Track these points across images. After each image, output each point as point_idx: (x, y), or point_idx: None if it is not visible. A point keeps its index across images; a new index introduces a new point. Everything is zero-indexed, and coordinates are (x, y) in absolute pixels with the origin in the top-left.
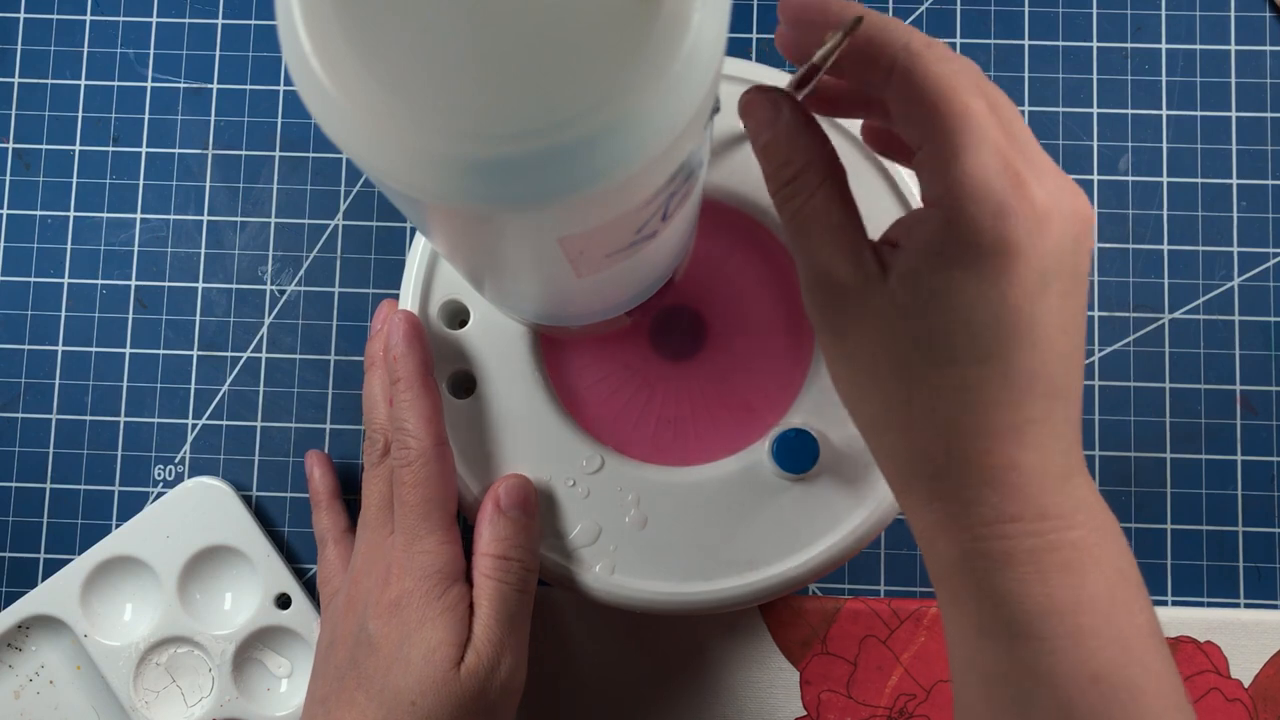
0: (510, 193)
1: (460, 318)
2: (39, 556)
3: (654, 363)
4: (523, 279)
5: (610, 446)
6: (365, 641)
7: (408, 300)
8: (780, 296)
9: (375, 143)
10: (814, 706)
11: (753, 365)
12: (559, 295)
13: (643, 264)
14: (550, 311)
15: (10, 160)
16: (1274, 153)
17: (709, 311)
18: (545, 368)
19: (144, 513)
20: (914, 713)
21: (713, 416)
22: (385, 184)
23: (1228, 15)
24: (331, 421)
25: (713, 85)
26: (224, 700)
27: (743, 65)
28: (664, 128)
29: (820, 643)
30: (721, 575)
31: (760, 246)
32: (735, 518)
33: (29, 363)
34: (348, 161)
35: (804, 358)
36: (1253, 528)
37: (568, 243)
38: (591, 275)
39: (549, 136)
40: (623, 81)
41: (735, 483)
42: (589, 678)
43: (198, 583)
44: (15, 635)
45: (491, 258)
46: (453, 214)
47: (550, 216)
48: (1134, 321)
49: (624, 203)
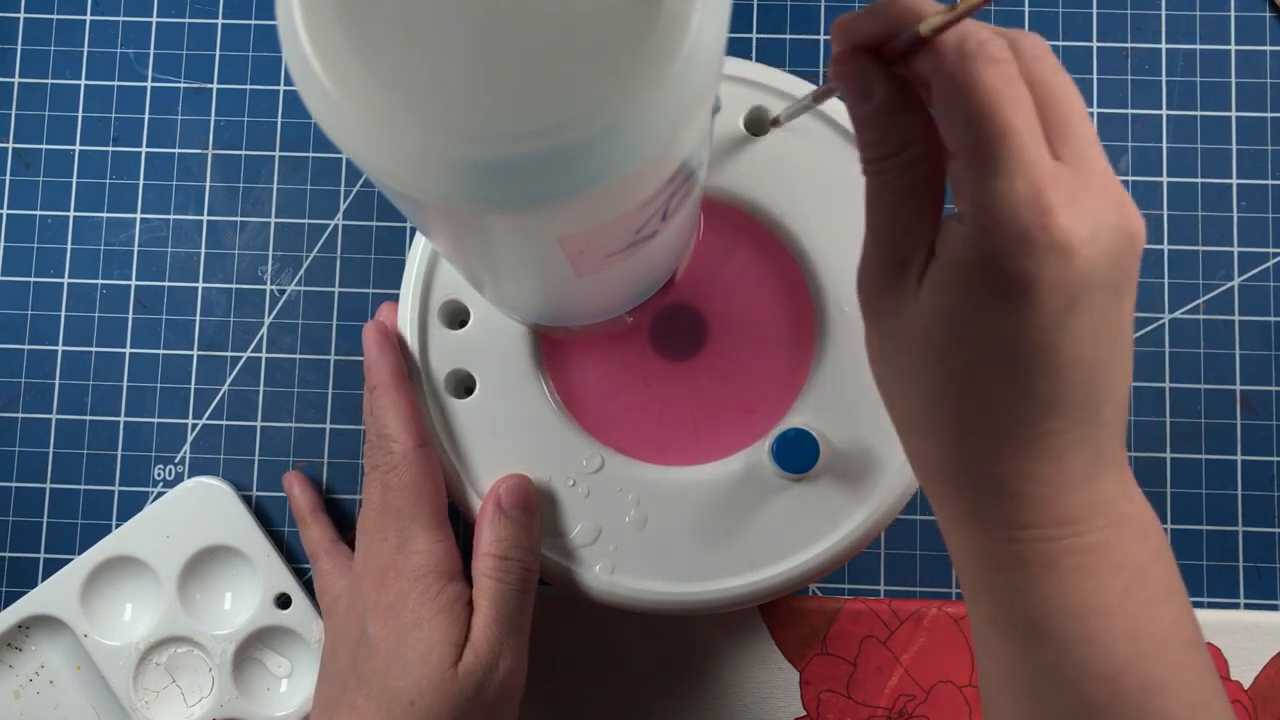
0: (511, 194)
1: (460, 318)
2: (39, 556)
3: (654, 363)
4: (523, 279)
5: (611, 446)
6: (364, 644)
7: (408, 300)
8: (781, 297)
9: (376, 144)
10: (814, 706)
11: (753, 365)
12: (559, 295)
13: (643, 264)
14: (550, 312)
15: (10, 160)
16: (1274, 153)
17: (709, 311)
18: (546, 368)
19: (144, 513)
20: (914, 713)
21: (713, 416)
22: (386, 185)
23: (1228, 15)
24: (331, 421)
25: (713, 86)
26: (224, 700)
27: (743, 65)
28: (664, 128)
29: (820, 643)
30: (722, 575)
31: (761, 246)
32: (735, 518)
33: (29, 363)
34: (348, 161)
35: (804, 358)
36: (1253, 528)
37: (568, 243)
38: (592, 275)
39: (550, 138)
40: (623, 82)
41: (735, 483)
42: (589, 678)
43: (198, 583)
44: (15, 635)
45: (492, 258)
46: (454, 215)
47: (551, 217)
48: (1134, 321)
49: (625, 203)
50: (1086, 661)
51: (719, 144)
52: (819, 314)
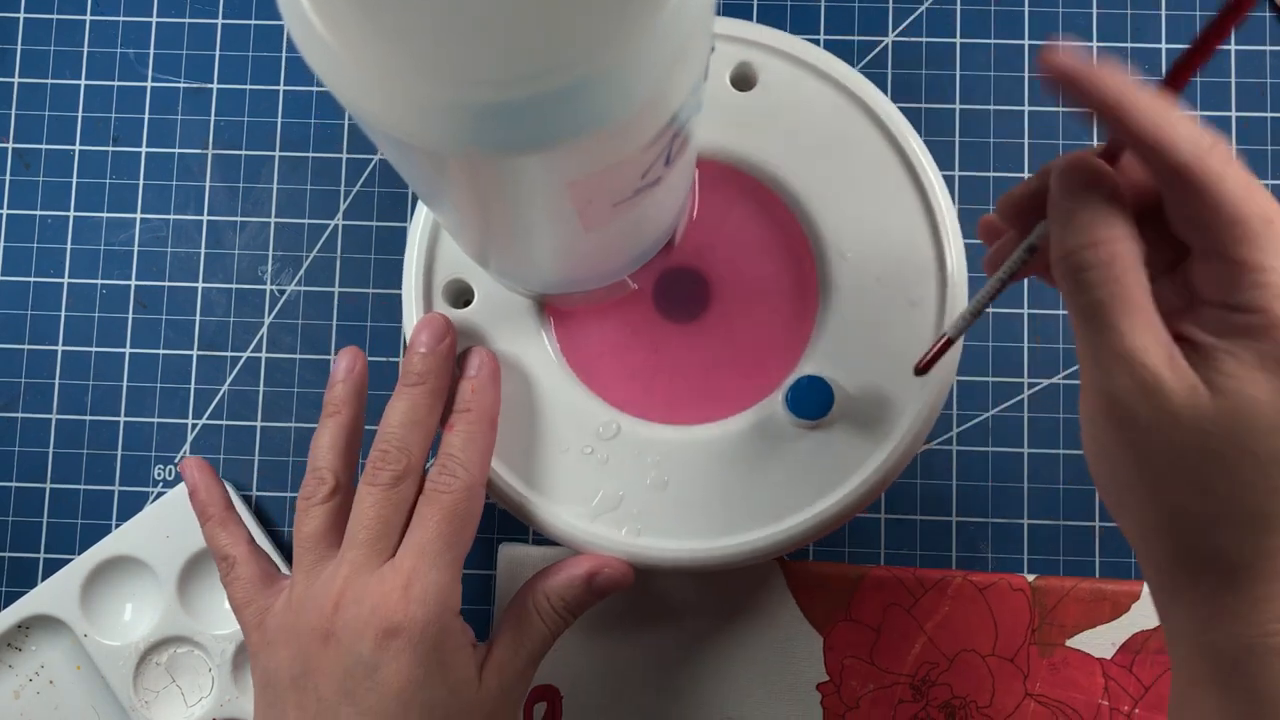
0: (518, 137)
1: (465, 297)
2: (39, 556)
3: (661, 326)
4: (532, 238)
5: (625, 411)
6: (363, 673)
7: (411, 283)
8: (781, 250)
9: (382, 95)
10: (837, 672)
11: (760, 320)
12: (567, 254)
13: (645, 219)
14: (557, 276)
15: (10, 160)
16: (1274, 153)
17: (711, 271)
18: (554, 340)
19: (144, 513)
20: (937, 680)
21: (724, 374)
22: (393, 139)
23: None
24: None
25: (708, 22)
26: (224, 700)
27: (730, 23)
28: (663, 64)
29: (844, 610)
30: (746, 529)
31: (756, 201)
32: (755, 471)
33: (29, 363)
34: (348, 161)
35: (809, 309)
36: None
37: (576, 189)
38: (599, 228)
39: (554, 79)
40: (624, 18)
41: (752, 436)
42: (612, 643)
43: (198, 583)
44: (15, 635)
45: (499, 219)
46: (463, 169)
47: (559, 160)
48: None
49: (629, 143)
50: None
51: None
52: (820, 263)
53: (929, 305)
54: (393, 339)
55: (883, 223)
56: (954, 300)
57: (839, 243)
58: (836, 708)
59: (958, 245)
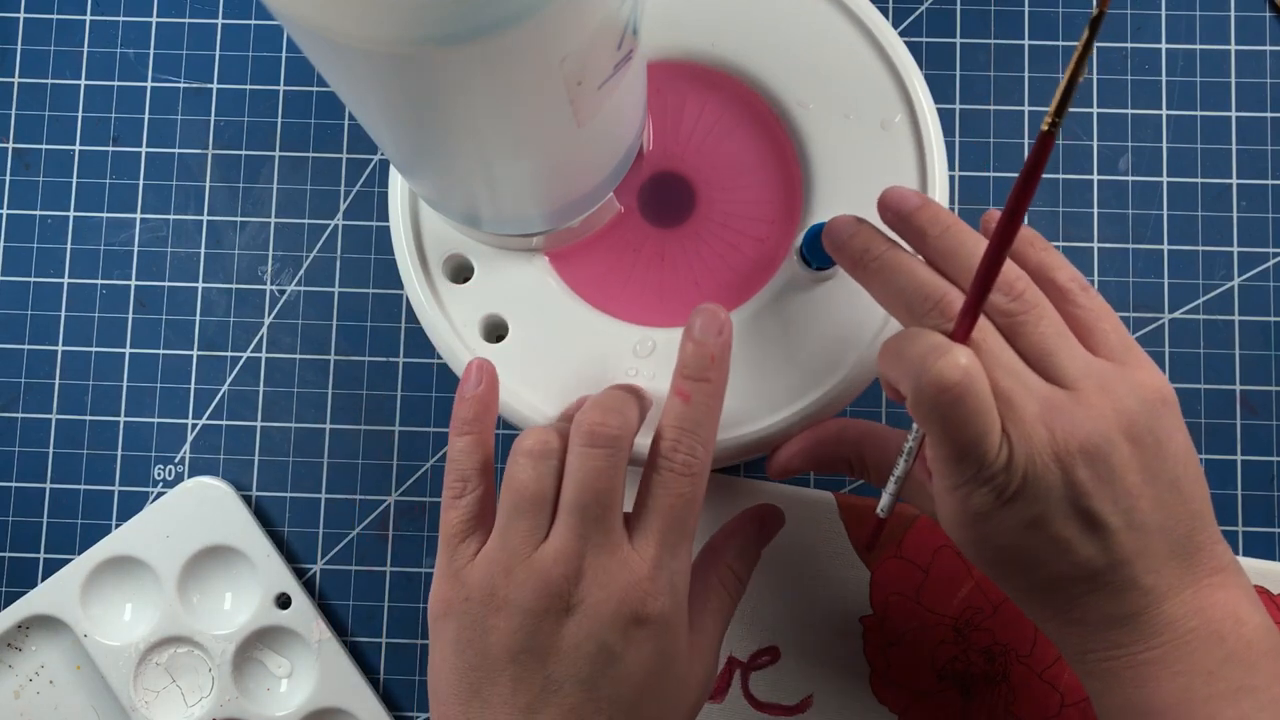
0: (508, 9)
1: (465, 274)
2: (39, 556)
3: (658, 235)
4: (530, 151)
5: (653, 326)
6: (606, 661)
7: (408, 269)
8: (752, 131)
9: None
10: (881, 607)
11: (748, 201)
12: (564, 169)
13: (624, 107)
14: (555, 198)
15: (10, 160)
16: (1274, 153)
17: (689, 170)
18: (563, 281)
19: (144, 513)
20: (980, 625)
21: (730, 260)
22: (398, 59)
23: (1228, 15)
24: (331, 421)
25: None
26: (224, 700)
27: None
28: None
29: (896, 546)
30: (789, 401)
31: (718, 91)
32: (789, 341)
33: (29, 363)
34: (348, 161)
35: (794, 184)
36: (1253, 528)
37: (569, 63)
38: (590, 118)
39: None
40: None
41: (777, 306)
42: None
43: (198, 583)
44: (15, 635)
45: (500, 134)
46: (464, 70)
47: (549, 28)
48: (1134, 321)
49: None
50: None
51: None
52: (795, 134)
53: (903, 126)
54: (393, 339)
55: (835, 66)
56: (925, 123)
57: (799, 95)
58: (877, 640)
59: (909, 62)
